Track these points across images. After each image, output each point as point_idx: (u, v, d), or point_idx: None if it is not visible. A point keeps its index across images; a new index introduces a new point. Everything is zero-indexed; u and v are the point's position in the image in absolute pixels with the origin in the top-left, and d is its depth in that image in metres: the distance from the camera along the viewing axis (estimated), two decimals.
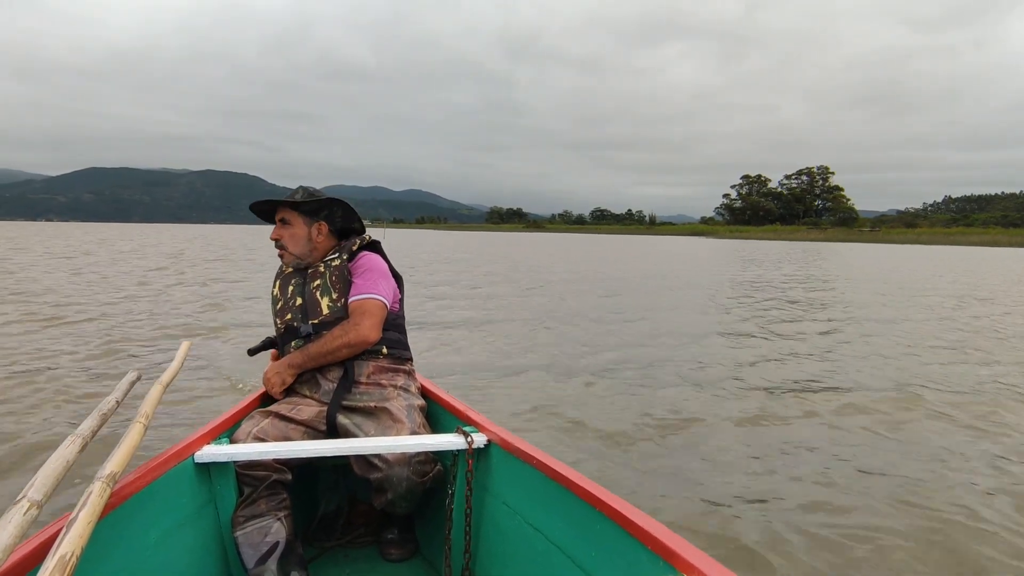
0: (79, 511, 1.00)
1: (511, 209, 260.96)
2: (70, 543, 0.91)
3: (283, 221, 2.06)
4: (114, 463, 1.18)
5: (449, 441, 1.72)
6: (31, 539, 1.06)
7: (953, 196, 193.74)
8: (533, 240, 68.14)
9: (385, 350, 2.00)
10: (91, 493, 1.05)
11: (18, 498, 0.98)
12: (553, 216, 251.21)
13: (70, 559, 0.89)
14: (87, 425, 1.30)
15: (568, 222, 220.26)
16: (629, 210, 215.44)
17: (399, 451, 1.73)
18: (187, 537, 1.52)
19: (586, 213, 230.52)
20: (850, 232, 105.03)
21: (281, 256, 2.08)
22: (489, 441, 1.72)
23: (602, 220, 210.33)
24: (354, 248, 2.09)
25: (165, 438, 3.19)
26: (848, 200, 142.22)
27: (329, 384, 1.95)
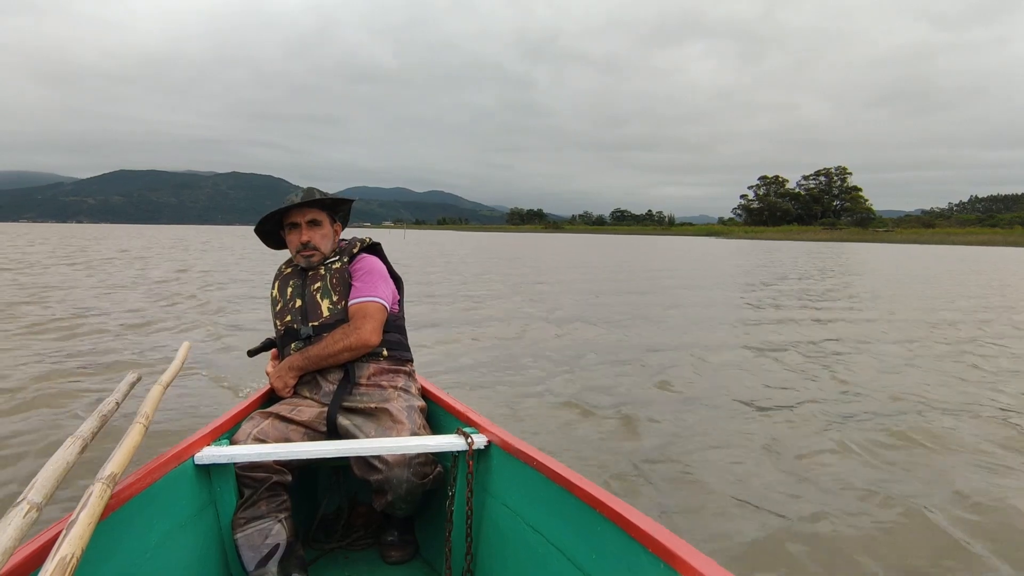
0: (79, 512, 1.00)
1: (531, 210, 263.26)
2: (70, 545, 0.91)
3: (313, 223, 2.03)
4: (114, 464, 1.17)
5: (449, 442, 1.72)
6: (31, 541, 1.05)
7: (980, 195, 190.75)
8: (541, 241, 67.88)
9: (385, 352, 2.00)
10: (91, 494, 1.05)
11: (18, 500, 0.98)
12: (573, 217, 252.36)
13: (70, 561, 0.89)
14: (87, 426, 1.30)
15: (588, 223, 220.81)
16: (649, 211, 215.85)
17: (399, 452, 1.72)
18: (187, 539, 1.51)
19: (606, 214, 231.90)
20: (863, 233, 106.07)
21: (311, 257, 2.04)
22: (489, 442, 1.72)
23: (622, 221, 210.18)
24: (354, 251, 2.09)
25: (165, 439, 3.19)
26: (866, 200, 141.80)
27: (329, 385, 1.95)
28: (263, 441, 1.75)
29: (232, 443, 1.73)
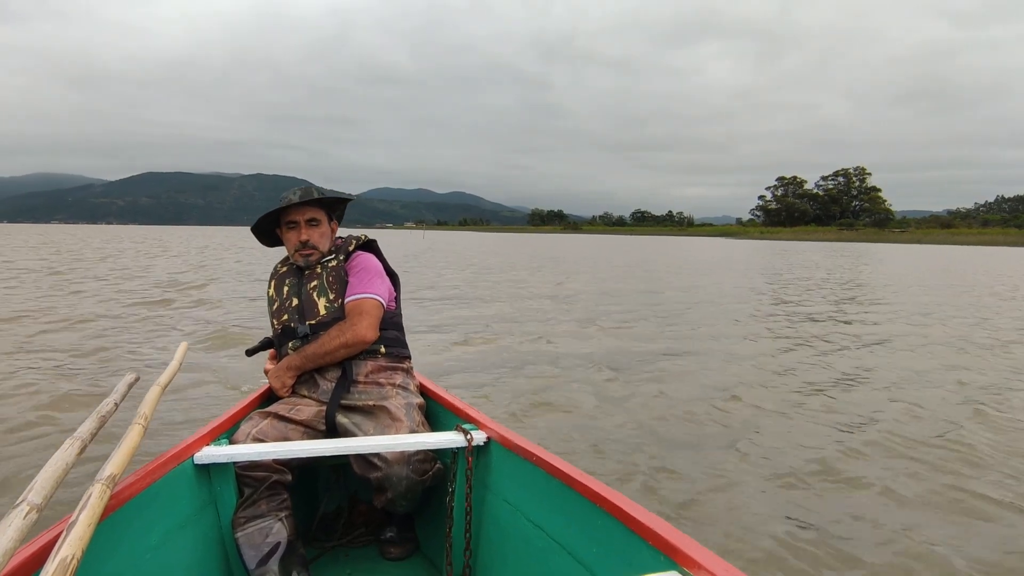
0: (79, 514, 0.99)
1: (552, 211, 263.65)
2: (70, 546, 0.91)
3: (312, 221, 2.03)
4: (114, 465, 1.17)
5: (449, 439, 1.72)
6: (31, 542, 1.05)
7: (1007, 195, 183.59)
8: (542, 241, 67.95)
9: (383, 349, 2.00)
10: (91, 495, 1.05)
11: (18, 501, 0.97)
12: (593, 218, 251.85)
13: (71, 562, 0.89)
14: (86, 427, 1.30)
15: (609, 223, 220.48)
16: (670, 211, 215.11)
17: (398, 450, 1.73)
18: (188, 539, 1.51)
19: (626, 215, 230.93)
20: (874, 233, 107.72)
21: (309, 256, 2.04)
22: (489, 438, 1.72)
23: (642, 222, 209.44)
24: (350, 248, 2.09)
25: (164, 440, 3.19)
26: (884, 201, 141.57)
27: (328, 384, 1.95)
28: (262, 440, 1.75)
29: (231, 443, 1.73)
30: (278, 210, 2.04)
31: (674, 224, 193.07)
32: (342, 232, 2.21)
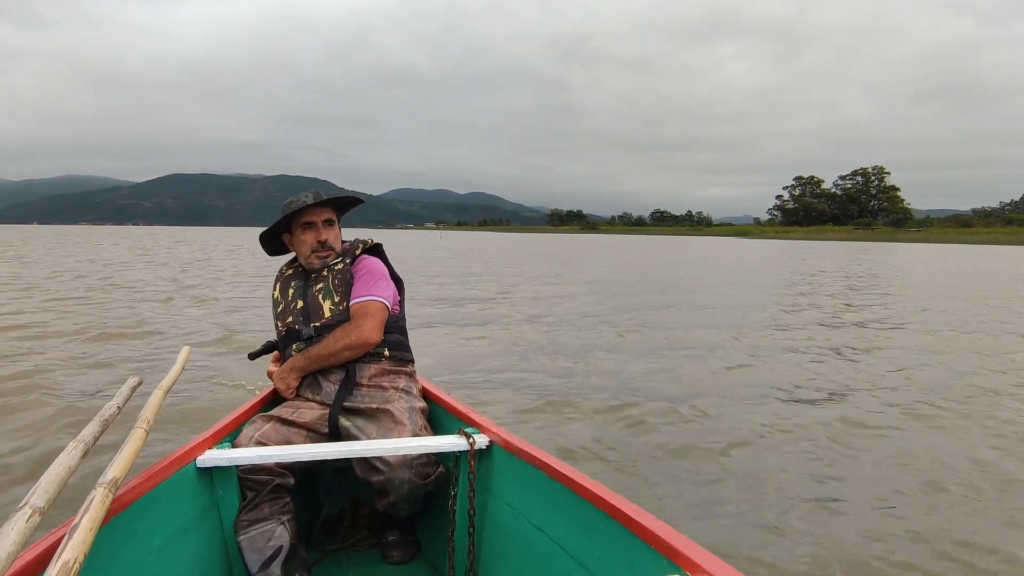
0: (81, 517, 0.99)
1: (571, 211, 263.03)
2: (73, 549, 0.91)
3: (328, 222, 2.06)
4: (116, 469, 1.17)
5: (451, 443, 1.72)
6: (34, 546, 1.05)
7: None
8: (553, 242, 67.95)
9: (387, 352, 2.00)
10: (93, 499, 1.05)
11: (20, 505, 0.97)
12: (613, 218, 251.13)
13: (73, 565, 0.89)
14: (89, 431, 1.30)
15: (628, 223, 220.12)
16: (689, 211, 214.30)
17: (401, 453, 1.72)
18: (190, 542, 1.51)
19: (646, 215, 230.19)
20: (884, 233, 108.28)
21: (327, 257, 2.05)
22: (491, 442, 1.72)
23: (661, 222, 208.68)
24: (357, 252, 2.10)
25: (167, 443, 3.19)
26: (903, 200, 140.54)
27: (331, 386, 1.95)
28: (265, 444, 1.75)
29: (234, 446, 1.73)
30: (293, 212, 2.02)
31: (692, 224, 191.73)
32: (357, 233, 2.23)
